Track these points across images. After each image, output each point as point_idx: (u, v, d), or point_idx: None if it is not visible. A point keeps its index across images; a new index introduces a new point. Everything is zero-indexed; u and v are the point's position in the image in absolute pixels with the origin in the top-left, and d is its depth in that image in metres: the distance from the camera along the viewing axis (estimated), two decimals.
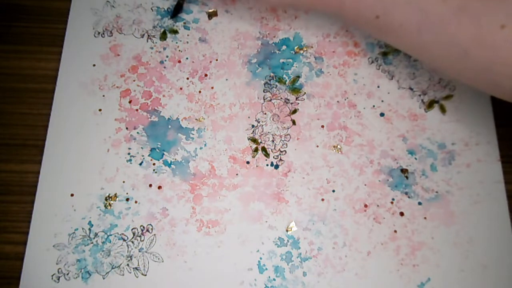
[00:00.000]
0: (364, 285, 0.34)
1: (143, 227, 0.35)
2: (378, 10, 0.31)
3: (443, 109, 0.39)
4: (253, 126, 0.38)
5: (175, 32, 0.41)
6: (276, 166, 0.37)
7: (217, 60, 0.40)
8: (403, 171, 0.37)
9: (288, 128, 0.38)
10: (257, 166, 0.37)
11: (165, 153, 0.37)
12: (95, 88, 0.39)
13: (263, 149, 0.37)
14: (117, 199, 0.36)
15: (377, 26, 0.33)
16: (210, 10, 0.41)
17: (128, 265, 0.34)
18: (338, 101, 0.39)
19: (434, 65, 0.34)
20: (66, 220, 0.35)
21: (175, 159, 0.37)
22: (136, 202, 0.36)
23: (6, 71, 0.39)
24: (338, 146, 0.37)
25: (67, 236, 0.35)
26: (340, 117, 0.38)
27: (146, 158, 0.37)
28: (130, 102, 0.38)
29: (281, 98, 0.39)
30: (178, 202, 0.36)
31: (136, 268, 0.34)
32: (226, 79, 0.39)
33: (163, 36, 0.40)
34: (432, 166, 0.37)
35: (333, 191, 0.36)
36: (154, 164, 0.37)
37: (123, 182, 0.36)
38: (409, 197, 0.36)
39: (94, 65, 0.39)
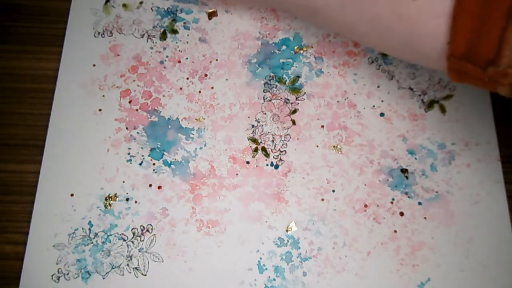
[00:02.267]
0: (364, 285, 0.34)
1: (143, 227, 0.35)
2: None
3: (443, 109, 0.39)
4: (253, 126, 0.38)
5: (175, 32, 0.41)
6: (276, 166, 0.37)
7: (217, 60, 0.40)
8: (403, 171, 0.37)
9: (288, 128, 0.38)
10: (257, 166, 0.37)
11: (165, 153, 0.37)
12: (95, 88, 0.39)
13: (263, 149, 0.37)
14: (117, 199, 0.36)
15: (302, 8, 0.33)
16: (210, 10, 0.41)
17: (128, 265, 0.34)
18: (338, 101, 0.39)
19: (362, 42, 0.34)
20: (66, 220, 0.35)
21: (175, 159, 0.37)
22: (136, 202, 0.36)
23: (6, 71, 0.39)
24: (338, 146, 0.37)
25: (67, 236, 0.35)
26: (340, 117, 0.38)
27: (146, 158, 0.37)
28: (130, 102, 0.38)
29: (281, 98, 0.39)
30: (178, 202, 0.36)
31: (136, 268, 0.34)
32: (226, 79, 0.39)
33: (163, 36, 0.40)
34: (432, 166, 0.37)
35: (333, 191, 0.36)
36: (154, 164, 0.37)
37: (123, 182, 0.36)
38: (409, 197, 0.36)
39: (94, 65, 0.39)
